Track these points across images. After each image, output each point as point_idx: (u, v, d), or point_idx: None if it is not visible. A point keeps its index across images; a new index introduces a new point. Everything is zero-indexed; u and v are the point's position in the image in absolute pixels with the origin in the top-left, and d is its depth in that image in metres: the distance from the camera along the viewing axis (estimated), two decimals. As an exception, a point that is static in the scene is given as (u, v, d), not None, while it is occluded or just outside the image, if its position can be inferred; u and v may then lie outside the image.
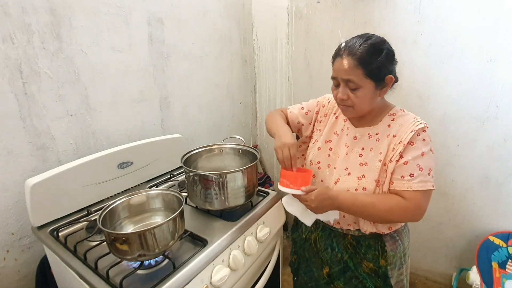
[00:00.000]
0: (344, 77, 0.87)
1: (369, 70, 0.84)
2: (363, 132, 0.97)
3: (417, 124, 0.89)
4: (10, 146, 1.04)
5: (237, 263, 0.96)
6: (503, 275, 1.51)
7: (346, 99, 0.89)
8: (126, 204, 0.95)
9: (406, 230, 1.05)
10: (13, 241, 1.09)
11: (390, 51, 0.88)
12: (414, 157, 0.87)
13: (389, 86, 0.90)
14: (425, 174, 0.86)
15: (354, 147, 0.97)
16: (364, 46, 0.85)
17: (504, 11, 1.40)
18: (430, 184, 0.86)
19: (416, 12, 1.58)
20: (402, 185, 0.87)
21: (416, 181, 0.85)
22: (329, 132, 1.06)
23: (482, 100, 1.54)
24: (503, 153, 1.56)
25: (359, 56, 0.84)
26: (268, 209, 1.19)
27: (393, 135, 0.91)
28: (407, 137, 0.88)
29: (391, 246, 0.98)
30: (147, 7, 1.42)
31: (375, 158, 0.92)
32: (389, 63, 0.87)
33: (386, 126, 0.94)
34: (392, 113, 0.95)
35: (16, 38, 1.01)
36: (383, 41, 0.89)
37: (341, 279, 1.04)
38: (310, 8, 1.91)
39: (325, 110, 1.11)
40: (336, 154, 1.01)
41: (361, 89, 0.86)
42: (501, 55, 1.45)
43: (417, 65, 1.65)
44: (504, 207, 1.62)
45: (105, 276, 0.80)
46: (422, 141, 0.88)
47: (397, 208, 0.86)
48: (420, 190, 0.85)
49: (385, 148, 0.91)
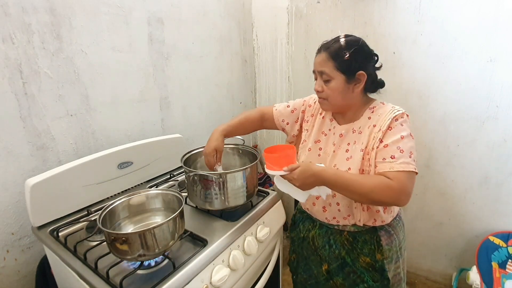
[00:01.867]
0: (319, 69, 0.95)
1: (339, 63, 0.91)
2: (347, 128, 1.00)
3: (395, 112, 0.92)
4: (10, 146, 1.04)
5: (237, 263, 0.96)
6: (503, 275, 1.51)
7: (321, 91, 0.96)
8: (126, 204, 0.95)
9: (400, 224, 1.07)
10: (13, 241, 1.09)
11: (362, 49, 0.93)
12: (393, 140, 0.88)
13: (362, 82, 0.93)
14: (406, 156, 0.87)
15: (341, 144, 1.00)
16: (337, 42, 0.93)
17: (504, 11, 1.40)
18: (412, 167, 0.86)
19: (416, 12, 1.58)
20: (384, 166, 0.87)
21: (398, 162, 0.86)
22: (317, 132, 1.08)
23: (482, 100, 1.54)
24: (503, 153, 1.56)
25: (331, 50, 0.92)
26: (268, 209, 1.19)
27: (373, 125, 0.94)
28: (385, 124, 0.91)
29: (387, 240, 1.00)
30: (147, 7, 1.42)
31: (357, 149, 0.94)
32: (360, 59, 0.92)
33: (367, 118, 0.97)
34: (372, 107, 0.99)
35: (16, 38, 1.02)
36: (358, 40, 0.94)
37: (340, 275, 1.06)
38: (310, 8, 1.91)
39: (312, 110, 1.13)
40: (326, 153, 1.03)
41: (333, 81, 0.93)
42: (501, 55, 1.45)
43: (417, 65, 1.65)
44: (504, 207, 1.62)
45: (105, 276, 0.80)
46: (400, 125, 0.90)
47: (381, 185, 0.84)
48: (403, 171, 0.85)
49: (366, 138, 0.94)
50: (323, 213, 1.04)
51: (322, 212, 1.04)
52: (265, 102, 2.31)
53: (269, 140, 2.35)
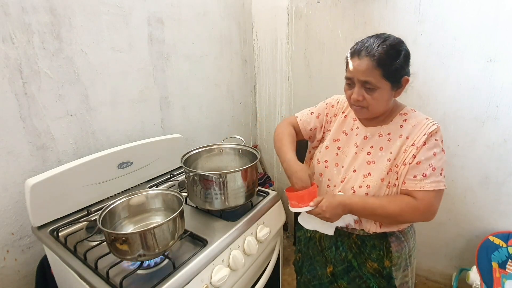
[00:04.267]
0: (362, 78, 0.85)
1: (388, 71, 0.83)
2: (373, 132, 0.97)
3: (430, 126, 0.89)
4: (10, 146, 1.05)
5: (237, 263, 0.96)
6: (503, 275, 1.52)
7: (362, 100, 0.89)
8: (126, 204, 0.95)
9: (412, 232, 1.05)
10: (13, 241, 1.09)
11: (407, 53, 0.88)
12: (426, 157, 0.87)
13: (404, 87, 0.90)
14: (437, 174, 0.87)
15: (364, 147, 0.97)
16: (382, 47, 0.83)
17: (505, 11, 1.40)
18: (442, 184, 0.87)
19: (416, 12, 1.59)
20: (415, 185, 0.87)
21: (429, 181, 0.86)
22: (337, 130, 1.06)
23: (482, 100, 1.54)
24: (503, 153, 1.56)
25: (378, 57, 0.82)
26: (268, 209, 1.20)
27: (406, 137, 0.91)
28: (420, 139, 0.88)
29: (396, 247, 0.98)
30: (147, 7, 1.42)
31: (384, 157, 0.92)
32: (406, 64, 0.87)
33: (398, 126, 0.94)
34: (403, 113, 0.95)
35: (16, 38, 1.02)
36: (401, 42, 0.88)
37: (344, 278, 1.04)
38: (310, 8, 1.91)
39: (335, 110, 1.11)
40: (345, 153, 1.01)
41: (378, 90, 0.86)
42: (501, 55, 1.45)
43: (417, 65, 1.63)
44: (504, 207, 1.63)
45: (105, 276, 0.80)
46: (434, 141, 0.88)
47: (407, 209, 0.86)
48: (432, 190, 0.86)
49: (396, 149, 0.91)
50: None
51: None
52: (265, 102, 2.32)
53: (269, 140, 2.36)
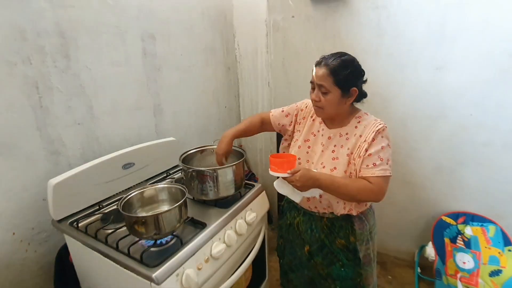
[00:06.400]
0: (318, 82, 1.07)
1: (337, 79, 1.04)
2: (335, 133, 1.17)
3: (377, 125, 1.09)
4: (29, 152, 1.19)
5: (231, 240, 1.15)
6: (454, 249, 1.73)
7: (318, 101, 1.09)
8: (139, 196, 1.13)
9: (371, 212, 1.26)
10: (32, 235, 1.23)
11: (357, 69, 1.08)
12: (376, 150, 1.08)
13: (353, 96, 1.09)
14: (384, 164, 1.08)
15: (329, 145, 1.17)
16: (337, 60, 1.05)
17: (449, 27, 1.63)
18: (388, 172, 1.08)
19: (376, 27, 1.81)
20: (368, 172, 1.07)
21: (378, 169, 1.06)
22: (307, 132, 1.25)
23: (433, 101, 1.78)
24: (452, 146, 1.80)
25: (332, 67, 1.04)
26: (254, 198, 1.39)
27: (360, 135, 1.12)
28: (370, 136, 1.09)
29: (359, 225, 1.18)
30: (140, 25, 1.57)
31: (344, 153, 1.12)
32: (354, 78, 1.07)
33: (353, 127, 1.14)
34: (358, 116, 1.16)
35: (33, 59, 1.16)
36: (353, 60, 1.08)
37: (319, 255, 1.23)
38: (286, 21, 2.10)
39: (303, 113, 1.30)
40: (314, 151, 1.21)
41: (330, 94, 1.06)
42: (447, 64, 1.69)
43: (379, 72, 1.87)
44: (455, 192, 1.87)
45: (126, 252, 0.98)
46: (381, 137, 1.09)
47: (364, 189, 1.06)
48: (381, 176, 1.06)
49: (352, 145, 1.12)
50: (306, 202, 1.23)
51: (306, 202, 1.23)
52: (248, 106, 2.46)
53: (253, 140, 2.51)
